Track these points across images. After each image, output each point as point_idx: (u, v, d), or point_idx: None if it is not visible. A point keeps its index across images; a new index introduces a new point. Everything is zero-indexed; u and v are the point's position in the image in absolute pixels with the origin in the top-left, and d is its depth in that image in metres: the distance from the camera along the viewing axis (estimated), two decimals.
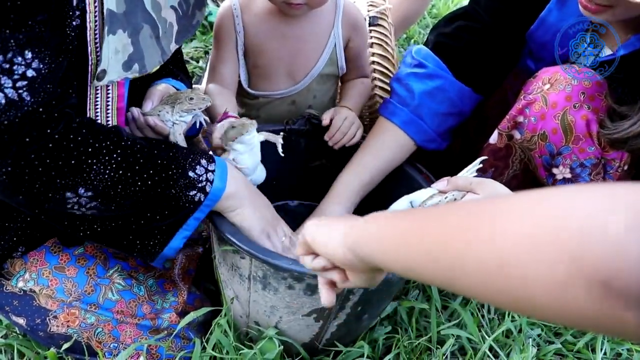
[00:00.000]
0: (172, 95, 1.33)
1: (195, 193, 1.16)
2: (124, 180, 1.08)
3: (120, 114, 1.25)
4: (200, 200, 1.16)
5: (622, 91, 1.30)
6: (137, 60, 1.18)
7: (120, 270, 1.35)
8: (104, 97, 1.19)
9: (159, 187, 1.12)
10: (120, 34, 1.12)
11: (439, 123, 1.52)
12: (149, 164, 1.11)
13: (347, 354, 1.36)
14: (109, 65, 1.13)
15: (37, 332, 1.30)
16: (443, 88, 1.50)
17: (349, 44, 1.61)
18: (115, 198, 1.09)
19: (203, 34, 2.78)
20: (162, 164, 1.12)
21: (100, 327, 1.30)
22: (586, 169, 1.38)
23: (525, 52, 1.55)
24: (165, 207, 1.15)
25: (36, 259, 1.29)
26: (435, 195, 1.28)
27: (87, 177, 1.05)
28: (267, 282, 1.20)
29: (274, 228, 1.29)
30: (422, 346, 1.45)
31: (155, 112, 1.29)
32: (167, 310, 1.37)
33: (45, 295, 1.28)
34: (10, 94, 0.95)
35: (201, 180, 1.16)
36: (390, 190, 1.45)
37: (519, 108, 1.40)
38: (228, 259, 1.26)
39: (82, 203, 1.08)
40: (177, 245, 1.22)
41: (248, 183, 1.28)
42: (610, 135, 1.30)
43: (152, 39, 1.20)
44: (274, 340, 1.28)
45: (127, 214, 1.14)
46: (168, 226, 1.18)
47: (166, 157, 1.13)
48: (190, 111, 1.29)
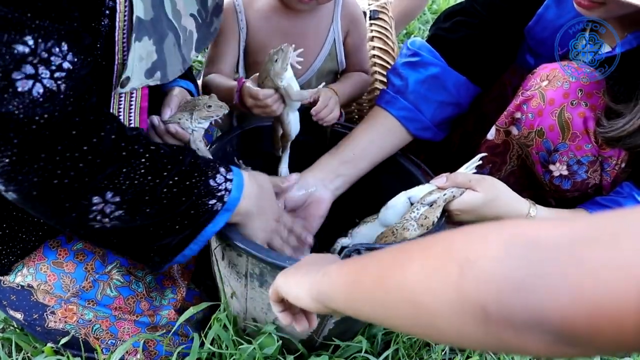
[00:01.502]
0: (189, 102, 1.33)
1: (214, 202, 1.13)
2: (152, 185, 1.05)
3: (142, 112, 1.24)
4: (218, 209, 1.14)
5: (619, 89, 1.30)
6: (160, 69, 1.16)
7: (119, 267, 1.34)
8: (128, 99, 1.18)
9: (184, 194, 1.09)
10: (145, 41, 1.10)
11: (434, 112, 1.52)
12: (175, 169, 1.08)
13: (346, 349, 1.36)
14: (133, 72, 1.11)
15: (35, 327, 1.29)
16: (437, 76, 1.50)
17: (347, 38, 1.62)
18: (140, 205, 1.05)
19: None
20: (186, 170, 1.10)
21: (98, 324, 1.30)
22: (583, 166, 1.38)
23: (525, 48, 1.56)
24: (185, 217, 1.12)
25: (34, 254, 1.29)
26: (433, 192, 1.28)
27: (116, 181, 1.00)
28: (264, 279, 1.20)
29: (277, 232, 1.29)
30: (421, 342, 1.45)
31: (175, 119, 1.30)
32: (166, 307, 1.37)
33: (43, 291, 1.28)
34: (48, 84, 0.91)
35: (220, 189, 1.14)
36: (389, 186, 1.44)
37: (517, 104, 1.40)
38: (225, 256, 1.26)
39: (106, 211, 1.02)
40: (189, 253, 1.18)
41: (260, 190, 1.24)
42: (605, 134, 1.30)
43: (175, 47, 1.19)
44: (273, 335, 1.28)
45: (148, 224, 1.10)
46: (183, 238, 1.15)
47: (189, 164, 1.11)
48: (208, 118, 1.31)
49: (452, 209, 1.27)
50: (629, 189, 1.40)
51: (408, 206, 1.30)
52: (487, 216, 1.29)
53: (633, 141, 1.27)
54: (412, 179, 1.44)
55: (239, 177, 1.18)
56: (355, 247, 1.13)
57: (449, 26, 1.54)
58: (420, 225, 1.24)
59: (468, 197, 1.26)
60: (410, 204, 1.31)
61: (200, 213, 1.12)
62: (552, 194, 1.50)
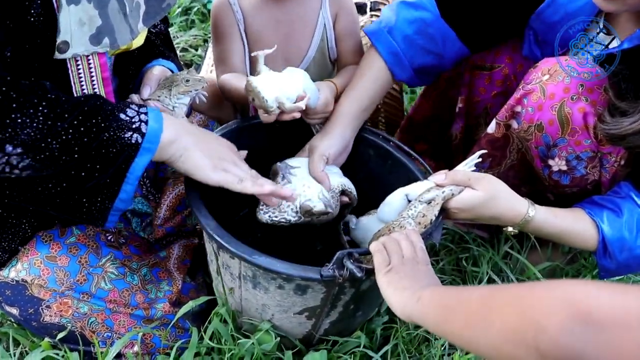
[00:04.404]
0: (168, 78, 1.32)
1: (130, 134, 1.10)
2: (53, 130, 1.03)
3: (106, 84, 1.22)
4: (138, 141, 1.10)
5: (624, 87, 1.28)
6: (107, 34, 1.15)
7: (113, 259, 1.34)
8: (86, 68, 1.17)
9: (90, 132, 1.06)
10: (84, 4, 1.09)
11: (413, 54, 1.50)
12: (76, 112, 1.05)
13: (344, 344, 1.35)
14: (73, 37, 1.10)
15: (31, 322, 1.29)
16: (425, 20, 1.48)
17: (337, 25, 1.62)
18: (46, 151, 1.03)
19: (202, 22, 2.76)
20: (89, 110, 1.07)
21: (93, 317, 1.29)
22: (582, 162, 1.37)
23: (532, 39, 1.53)
24: (104, 155, 1.08)
25: (27, 249, 1.28)
26: (432, 189, 1.26)
27: (12, 132, 0.99)
28: (257, 281, 1.19)
29: (231, 162, 1.23)
30: (421, 337, 1.44)
31: (155, 96, 1.29)
32: (161, 300, 1.36)
33: (37, 285, 1.27)
34: None
35: (134, 121, 1.11)
36: (387, 182, 1.43)
37: (517, 98, 1.38)
38: (219, 258, 1.25)
39: (13, 163, 1.02)
40: (126, 196, 1.15)
41: (190, 127, 1.22)
42: (608, 130, 1.28)
43: (120, 14, 1.17)
44: (271, 332, 1.28)
45: (65, 170, 1.07)
46: (112, 176, 1.11)
47: (93, 105, 1.08)
48: (187, 93, 1.30)
49: (450, 207, 1.26)
50: (627, 189, 1.38)
51: (405, 203, 1.28)
52: (485, 215, 1.27)
53: (636, 140, 1.25)
54: (410, 175, 1.42)
55: (155, 112, 1.15)
56: (349, 251, 1.11)
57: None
58: (417, 224, 1.22)
59: (467, 196, 1.24)
60: (407, 201, 1.29)
61: (119, 148, 1.09)
62: (551, 189, 1.48)
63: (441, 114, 1.79)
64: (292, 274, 1.11)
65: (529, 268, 1.65)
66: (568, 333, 0.62)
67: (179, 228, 1.53)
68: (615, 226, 1.34)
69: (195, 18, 2.78)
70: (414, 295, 0.96)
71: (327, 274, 1.10)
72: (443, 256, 1.71)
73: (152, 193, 1.51)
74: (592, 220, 1.36)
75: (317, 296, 1.18)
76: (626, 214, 1.35)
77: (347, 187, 1.38)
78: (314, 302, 1.20)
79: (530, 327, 0.66)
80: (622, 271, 1.45)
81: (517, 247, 1.70)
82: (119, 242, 1.40)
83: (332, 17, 1.61)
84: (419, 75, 1.54)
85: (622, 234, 1.34)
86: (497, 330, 0.72)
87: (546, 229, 1.34)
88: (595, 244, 1.37)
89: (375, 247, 1.11)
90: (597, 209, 1.37)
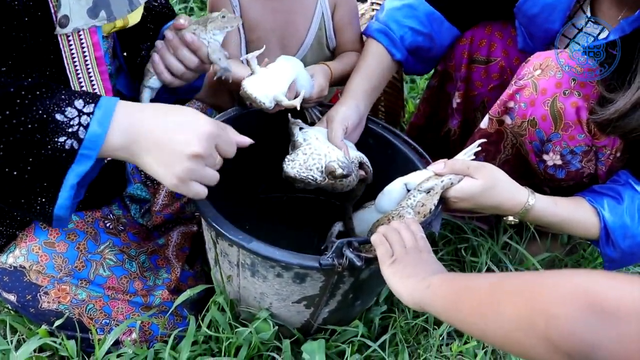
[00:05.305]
0: (201, 17, 1.31)
1: (64, 140, 0.97)
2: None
3: (99, 63, 1.18)
4: (74, 147, 0.97)
5: (612, 76, 1.27)
6: (104, 7, 1.13)
7: (112, 246, 1.33)
8: (79, 47, 1.14)
9: (16, 131, 0.94)
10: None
11: (403, 34, 1.53)
12: (5, 106, 0.95)
13: (343, 334, 1.35)
14: (72, 11, 1.08)
15: (28, 309, 1.29)
16: (411, 5, 1.53)
17: (335, 14, 1.63)
18: None
19: (201, 10, 2.76)
20: (22, 103, 0.96)
21: (91, 303, 1.29)
22: (577, 156, 1.37)
23: (525, 33, 1.52)
24: (35, 158, 0.96)
25: (25, 235, 1.28)
26: (431, 178, 1.25)
27: None
28: (255, 269, 1.18)
29: (194, 163, 1.02)
30: (419, 326, 1.44)
31: (190, 30, 1.28)
32: (159, 287, 1.36)
33: (35, 271, 1.27)
34: None
35: (72, 124, 0.97)
36: (386, 171, 1.42)
37: (510, 93, 1.38)
38: (218, 245, 1.24)
39: None
40: (64, 203, 1.01)
41: (152, 123, 1.02)
42: (597, 119, 1.27)
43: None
44: (269, 321, 1.28)
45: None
46: (49, 182, 0.99)
47: (30, 98, 0.97)
48: (223, 29, 1.29)
49: (449, 196, 1.25)
50: (625, 176, 1.38)
51: (405, 193, 1.28)
52: (485, 204, 1.27)
53: (624, 124, 1.24)
54: (409, 164, 1.42)
55: (106, 109, 1.00)
56: (349, 240, 1.11)
57: None
58: (417, 213, 1.21)
59: (466, 185, 1.24)
60: (406, 191, 1.28)
61: (51, 154, 0.97)
62: (547, 182, 1.48)
63: (438, 110, 1.80)
64: (291, 262, 1.11)
65: (528, 259, 1.65)
66: (582, 323, 0.61)
67: (177, 215, 1.53)
68: (617, 212, 1.34)
69: (194, 5, 2.78)
70: (423, 282, 0.96)
71: (326, 262, 1.10)
72: (442, 246, 1.71)
73: (151, 179, 1.50)
74: (593, 208, 1.35)
75: (316, 285, 1.18)
76: (627, 200, 1.34)
77: (364, 160, 1.39)
78: (312, 291, 1.19)
79: (541, 317, 0.66)
80: (627, 260, 1.43)
81: (516, 237, 1.70)
82: (118, 229, 1.39)
83: (331, 7, 1.62)
84: (415, 58, 1.56)
85: (624, 220, 1.34)
86: (507, 319, 0.72)
87: (547, 218, 1.33)
88: (597, 232, 1.36)
89: (377, 239, 1.11)
90: (597, 197, 1.37)
